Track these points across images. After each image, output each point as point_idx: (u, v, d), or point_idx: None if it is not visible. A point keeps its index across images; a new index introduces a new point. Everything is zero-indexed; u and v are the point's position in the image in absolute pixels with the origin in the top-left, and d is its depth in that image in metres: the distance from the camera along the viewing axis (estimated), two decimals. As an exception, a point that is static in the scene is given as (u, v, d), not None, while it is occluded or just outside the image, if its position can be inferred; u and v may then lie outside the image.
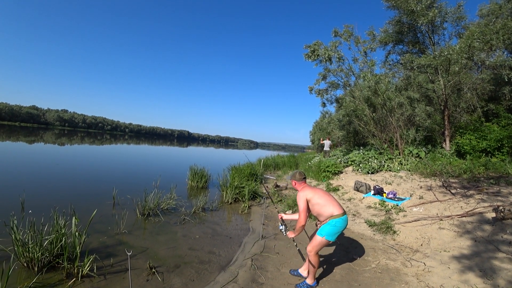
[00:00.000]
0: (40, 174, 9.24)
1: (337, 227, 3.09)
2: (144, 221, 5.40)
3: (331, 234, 3.09)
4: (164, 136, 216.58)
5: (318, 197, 3.20)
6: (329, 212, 3.12)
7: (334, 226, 3.08)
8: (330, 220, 3.09)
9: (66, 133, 58.89)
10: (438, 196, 5.93)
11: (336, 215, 3.09)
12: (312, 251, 3.13)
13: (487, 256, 3.52)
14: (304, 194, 3.22)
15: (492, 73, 12.97)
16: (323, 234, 3.08)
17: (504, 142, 9.29)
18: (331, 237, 3.09)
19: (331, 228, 3.08)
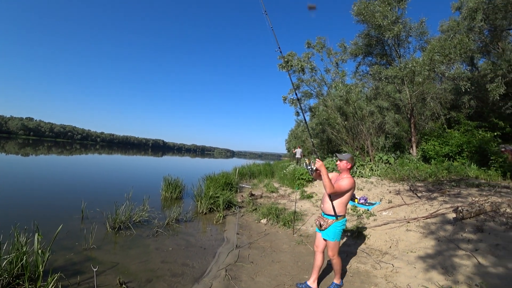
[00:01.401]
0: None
1: (344, 226, 3.31)
2: (114, 235, 5.18)
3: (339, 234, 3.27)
4: (138, 146, 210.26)
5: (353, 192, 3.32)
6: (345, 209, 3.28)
7: (343, 225, 3.26)
8: (343, 219, 3.25)
9: (31, 143, 55.54)
10: (405, 199, 6.23)
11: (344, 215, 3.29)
12: (334, 255, 3.28)
13: (448, 254, 3.73)
14: (354, 181, 3.29)
15: (453, 84, 13.91)
16: (334, 238, 3.23)
17: (464, 147, 9.97)
18: (339, 236, 3.28)
19: (341, 227, 3.24)
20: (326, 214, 3.27)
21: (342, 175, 3.28)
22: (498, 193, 5.80)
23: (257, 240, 5.32)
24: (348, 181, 3.15)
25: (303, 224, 6.27)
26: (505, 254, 3.40)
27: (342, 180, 3.18)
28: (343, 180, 3.16)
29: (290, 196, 9.03)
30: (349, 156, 3.35)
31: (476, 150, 9.76)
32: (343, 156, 3.36)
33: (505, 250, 3.48)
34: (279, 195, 9.37)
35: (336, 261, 3.31)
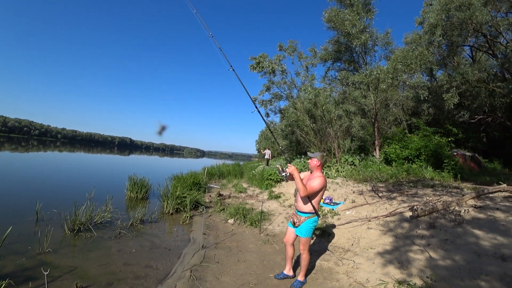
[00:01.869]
0: None
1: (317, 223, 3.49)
2: (73, 237, 4.88)
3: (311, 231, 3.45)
4: (103, 144, 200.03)
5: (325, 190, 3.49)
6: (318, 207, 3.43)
7: (315, 222, 3.44)
8: (314, 217, 3.40)
9: (-20, 139, 50.71)
10: (368, 199, 6.53)
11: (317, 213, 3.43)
12: (305, 250, 3.45)
13: (404, 249, 3.96)
14: (325, 179, 3.41)
15: (414, 92, 14.86)
16: (306, 235, 3.41)
17: (421, 150, 10.68)
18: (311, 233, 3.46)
19: (313, 224, 3.42)
20: (299, 212, 3.45)
21: (314, 174, 3.43)
22: (449, 193, 6.28)
23: (223, 240, 5.28)
24: (320, 180, 3.29)
25: (270, 224, 6.33)
26: (453, 248, 3.69)
27: (314, 180, 3.30)
28: (315, 181, 3.29)
29: (258, 196, 9.09)
30: (319, 154, 3.51)
31: (432, 153, 10.50)
32: (313, 155, 3.50)
33: (452, 244, 3.77)
34: (248, 195, 9.39)
35: (305, 256, 3.47)
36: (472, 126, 19.29)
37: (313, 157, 3.48)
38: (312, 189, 3.25)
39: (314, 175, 3.41)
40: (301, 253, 3.49)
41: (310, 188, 3.23)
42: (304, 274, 3.59)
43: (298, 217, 3.45)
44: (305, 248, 3.45)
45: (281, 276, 3.73)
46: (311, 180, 3.35)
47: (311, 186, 3.24)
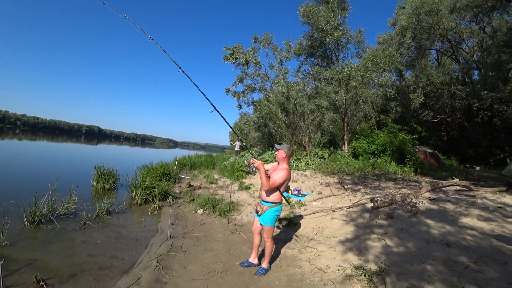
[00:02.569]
0: None
1: (279, 212, 3.58)
2: (33, 229, 4.62)
3: (274, 220, 3.54)
4: (69, 132, 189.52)
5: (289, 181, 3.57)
6: (280, 197, 3.52)
7: (277, 211, 3.53)
8: (278, 206, 3.52)
9: None
10: (334, 191, 6.78)
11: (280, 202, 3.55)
12: (268, 238, 3.55)
13: (364, 238, 4.19)
14: (289, 171, 3.51)
15: (384, 90, 15.53)
16: (268, 223, 3.50)
17: (387, 146, 11.22)
18: (274, 222, 3.56)
19: (276, 213, 3.51)
20: (263, 201, 3.55)
21: (279, 166, 3.54)
22: (409, 186, 6.69)
23: (192, 230, 5.27)
24: (283, 173, 3.39)
25: (239, 214, 6.40)
26: (407, 236, 3.95)
27: (278, 173, 3.41)
28: (278, 174, 3.40)
29: (228, 187, 9.12)
30: (285, 146, 3.58)
31: (396, 149, 11.07)
32: (280, 146, 3.60)
33: (407, 233, 4.04)
34: (218, 186, 9.39)
35: (269, 244, 3.58)
36: (435, 125, 20.60)
37: (280, 149, 3.57)
38: (275, 183, 3.36)
39: (280, 166, 3.53)
40: (265, 241, 3.59)
41: (273, 183, 3.35)
42: (268, 262, 3.69)
43: (261, 206, 3.54)
44: (268, 236, 3.55)
45: (246, 264, 3.83)
46: (275, 172, 3.46)
47: (274, 180, 3.35)
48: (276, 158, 3.66)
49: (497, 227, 3.92)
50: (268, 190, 3.42)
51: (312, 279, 3.41)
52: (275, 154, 3.69)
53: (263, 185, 3.36)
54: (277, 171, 3.45)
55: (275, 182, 3.36)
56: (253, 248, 3.85)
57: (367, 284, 3.04)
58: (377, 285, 2.97)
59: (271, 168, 3.65)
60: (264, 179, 3.30)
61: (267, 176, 3.37)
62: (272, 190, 3.43)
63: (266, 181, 3.31)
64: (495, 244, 3.41)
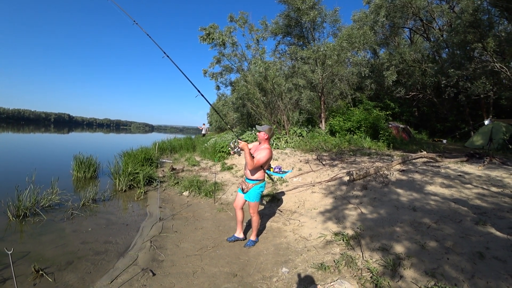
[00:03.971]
0: None
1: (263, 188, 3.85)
2: (19, 223, 4.60)
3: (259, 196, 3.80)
4: (37, 121, 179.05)
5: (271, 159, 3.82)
6: (263, 175, 3.77)
7: (262, 187, 3.79)
8: (262, 182, 3.78)
9: None
10: (313, 167, 7.15)
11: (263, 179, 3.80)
12: (254, 213, 3.82)
13: (342, 208, 4.57)
14: (271, 151, 3.74)
15: (359, 68, 15.94)
16: (254, 199, 3.75)
17: (362, 123, 11.76)
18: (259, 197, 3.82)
19: (260, 189, 3.77)
20: (247, 179, 3.76)
21: (261, 146, 3.75)
22: (382, 160, 7.19)
23: (180, 212, 5.45)
24: (266, 152, 3.61)
25: (224, 194, 6.64)
26: (379, 204, 4.37)
27: (261, 152, 3.61)
28: (261, 153, 3.60)
29: (211, 168, 9.29)
30: (267, 128, 3.78)
31: (371, 125, 11.64)
32: (261, 128, 3.79)
33: (379, 201, 4.46)
34: (201, 168, 9.53)
35: (255, 218, 3.85)
36: (407, 101, 21.54)
37: (261, 130, 3.76)
38: (259, 162, 3.57)
39: (262, 146, 3.74)
40: (252, 216, 3.86)
41: (257, 162, 3.55)
42: (256, 234, 3.99)
43: (247, 184, 3.77)
44: (254, 211, 3.82)
45: (232, 238, 4.08)
46: (258, 151, 3.67)
47: (257, 159, 3.56)
48: (258, 139, 3.86)
49: (456, 193, 4.44)
50: (252, 169, 3.62)
51: (297, 246, 3.74)
52: (257, 135, 3.88)
53: (248, 164, 3.55)
54: (260, 151, 3.65)
55: (259, 161, 3.56)
56: (237, 224, 4.10)
57: (345, 247, 3.39)
58: (354, 247, 3.33)
59: (253, 147, 3.85)
60: (248, 159, 3.48)
61: (251, 155, 3.54)
62: (256, 168, 3.64)
63: (251, 160, 3.49)
64: (453, 207, 3.89)
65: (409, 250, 3.01)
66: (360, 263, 2.97)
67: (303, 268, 3.10)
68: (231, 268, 3.33)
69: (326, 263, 3.09)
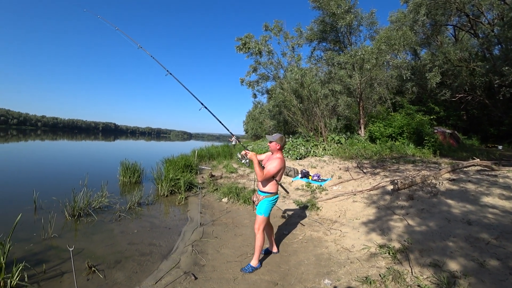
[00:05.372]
0: None
1: (274, 202, 3.49)
2: (75, 222, 5.05)
3: (268, 210, 3.43)
4: (87, 130, 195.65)
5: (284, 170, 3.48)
6: (276, 187, 3.45)
7: (272, 201, 3.44)
8: (274, 196, 3.43)
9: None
10: (353, 175, 6.93)
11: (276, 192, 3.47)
12: (259, 229, 3.39)
13: (386, 219, 4.36)
14: (283, 160, 3.42)
15: (398, 71, 15.23)
16: (262, 213, 3.40)
17: (404, 128, 11.18)
18: (268, 212, 3.43)
19: (271, 203, 3.43)
20: (259, 191, 3.52)
21: (273, 156, 3.49)
22: (428, 168, 6.75)
23: (219, 218, 5.57)
24: (276, 163, 3.33)
25: (263, 201, 6.67)
26: (428, 216, 4.11)
27: (271, 163, 3.36)
28: (272, 163, 3.35)
29: (249, 175, 9.39)
30: (278, 136, 3.48)
31: (414, 131, 11.01)
32: (272, 137, 3.51)
33: (428, 213, 4.19)
34: (239, 175, 9.68)
35: (259, 237, 3.41)
36: (453, 104, 20.04)
37: (272, 140, 3.49)
38: (269, 173, 3.31)
39: (274, 156, 3.47)
40: (255, 233, 3.43)
41: (267, 173, 3.30)
42: (257, 258, 3.49)
43: (258, 196, 3.53)
44: (259, 228, 3.40)
45: (263, 252, 3.84)
46: (269, 162, 3.43)
47: (267, 170, 3.32)
48: (270, 149, 3.61)
49: (518, 205, 4.02)
50: (263, 181, 3.40)
51: (339, 257, 3.64)
52: (268, 145, 3.60)
53: (257, 175, 3.30)
54: (271, 161, 3.40)
55: (269, 172, 3.31)
56: (267, 238, 3.84)
57: (392, 261, 3.23)
58: (401, 262, 3.16)
59: (265, 158, 3.64)
60: (258, 170, 3.26)
61: (260, 166, 3.34)
62: (268, 180, 3.38)
63: (260, 171, 3.27)
64: (516, 221, 3.53)
65: (465, 268, 2.79)
66: (409, 279, 2.81)
67: (347, 281, 3.01)
68: (271, 276, 3.33)
69: (371, 277, 2.96)
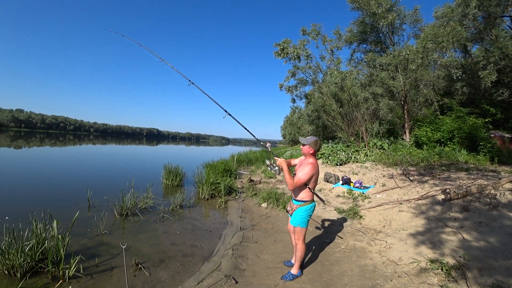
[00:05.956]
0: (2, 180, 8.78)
1: (311, 212, 3.23)
2: (123, 221, 5.43)
3: (305, 220, 3.19)
4: (132, 135, 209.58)
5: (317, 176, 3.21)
6: (311, 194, 3.20)
7: (308, 210, 3.19)
8: (309, 204, 3.18)
9: (23, 135, 54.72)
10: (398, 183, 6.56)
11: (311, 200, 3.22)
12: (299, 240, 3.24)
13: (437, 231, 4.07)
14: (316, 166, 3.13)
15: (446, 70, 14.14)
16: (298, 224, 3.19)
17: (455, 133, 10.35)
18: (305, 223, 3.20)
19: (306, 213, 3.18)
20: (293, 199, 3.30)
21: (306, 160, 3.22)
22: (485, 176, 6.16)
23: (259, 223, 5.61)
24: (308, 169, 3.06)
25: (302, 207, 6.58)
26: (487, 230, 3.75)
27: (303, 169, 3.11)
28: (303, 169, 3.09)
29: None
30: (312, 140, 3.18)
31: (466, 136, 10.14)
32: (306, 140, 3.22)
33: (487, 227, 3.82)
34: (278, 181, 9.66)
35: (300, 247, 3.25)
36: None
37: (305, 143, 3.19)
38: (299, 181, 3.05)
39: (306, 161, 3.19)
40: (296, 242, 3.28)
41: (298, 181, 3.05)
42: (299, 266, 3.39)
43: (291, 205, 3.33)
44: (299, 238, 3.23)
45: (289, 264, 3.66)
46: (300, 168, 3.18)
47: (298, 177, 3.06)
48: (302, 153, 3.30)
49: None
50: (295, 189, 3.15)
51: (385, 270, 3.46)
52: (301, 148, 3.31)
53: (287, 184, 3.06)
54: (302, 167, 3.13)
55: (300, 180, 3.05)
56: (293, 249, 3.50)
57: (445, 278, 3.00)
58: (457, 280, 2.92)
59: (298, 162, 3.37)
60: (287, 178, 3.03)
61: (291, 174, 3.09)
62: (300, 187, 3.13)
63: (290, 179, 3.02)
64: None
65: (535, 290, 2.50)
66: (467, 299, 2.60)
67: (396, 297, 2.86)
68: (313, 285, 3.26)
69: (423, 294, 2.78)
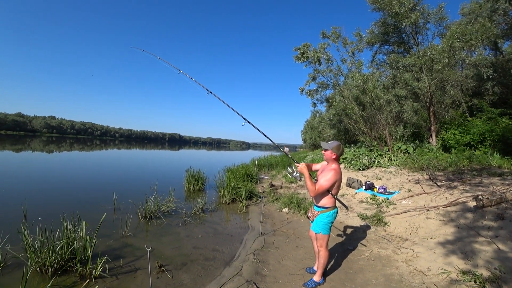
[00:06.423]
0: (33, 183, 9.30)
1: (332, 218, 3.16)
2: (146, 224, 5.57)
3: (327, 227, 3.13)
4: (155, 140, 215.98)
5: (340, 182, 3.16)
6: (333, 201, 3.14)
7: (330, 216, 3.13)
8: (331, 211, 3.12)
9: (54, 140, 58.09)
10: (425, 188, 6.30)
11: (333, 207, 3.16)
12: (322, 247, 3.19)
13: (468, 240, 3.85)
14: (339, 172, 3.07)
15: (475, 69, 13.49)
16: (320, 230, 3.15)
17: (486, 135, 9.79)
18: (327, 229, 3.15)
19: (328, 219, 3.12)
20: (315, 205, 3.26)
21: (328, 166, 3.16)
22: (521, 182, 5.78)
23: (280, 228, 5.57)
24: (331, 175, 3.00)
25: (324, 213, 6.47)
26: (525, 239, 3.50)
27: (325, 175, 3.05)
28: (326, 175, 3.03)
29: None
30: (335, 145, 3.10)
31: (499, 138, 9.57)
32: (327, 145, 3.14)
33: (525, 236, 3.57)
34: (299, 186, 9.56)
35: (323, 254, 3.20)
36: (551, 104, 16.89)
37: (328, 148, 3.11)
38: (321, 188, 3.00)
39: (328, 167, 3.13)
40: (318, 249, 3.23)
41: (320, 187, 2.99)
42: (321, 274, 3.33)
43: (313, 211, 3.28)
44: (322, 245, 3.17)
45: (311, 271, 3.62)
46: (323, 173, 3.11)
47: (320, 184, 3.00)
48: (324, 158, 3.23)
49: None
50: (317, 195, 3.08)
51: (412, 281, 3.32)
52: (323, 153, 3.23)
53: (309, 190, 3.00)
54: (325, 173, 3.07)
55: (322, 187, 2.99)
56: (315, 255, 3.50)
57: (479, 290, 2.84)
58: (492, 292, 2.75)
59: (320, 167, 3.33)
60: (309, 184, 2.96)
61: (312, 180, 3.03)
62: (322, 193, 3.07)
63: (312, 185, 2.96)
64: None
65: None
66: (504, 314, 2.43)
67: (425, 309, 2.73)
68: (337, 294, 3.19)
69: (455, 307, 2.64)
